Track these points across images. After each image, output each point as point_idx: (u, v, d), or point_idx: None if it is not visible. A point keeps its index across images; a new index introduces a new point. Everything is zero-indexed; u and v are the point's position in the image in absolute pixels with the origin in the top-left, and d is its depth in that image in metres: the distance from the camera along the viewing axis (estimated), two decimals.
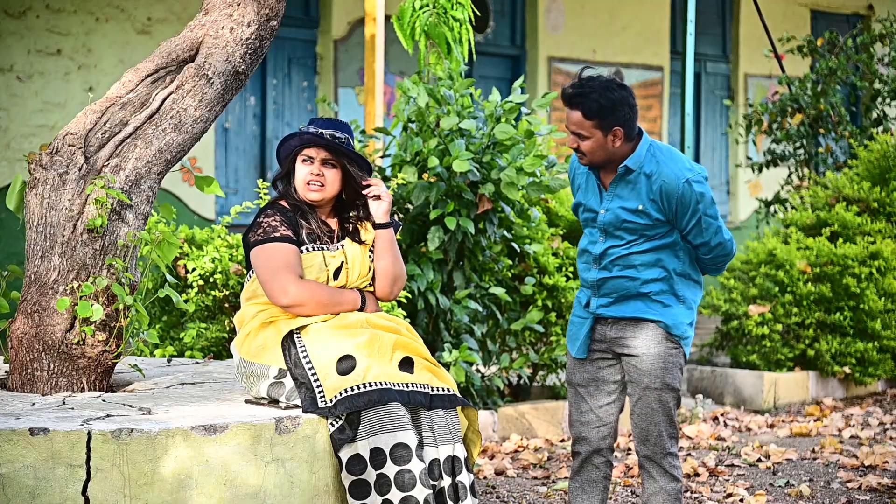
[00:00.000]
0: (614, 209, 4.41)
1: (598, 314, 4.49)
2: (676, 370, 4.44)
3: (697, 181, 4.37)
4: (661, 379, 4.42)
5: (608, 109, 4.30)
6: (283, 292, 4.23)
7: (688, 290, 4.48)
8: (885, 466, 6.72)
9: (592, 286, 4.48)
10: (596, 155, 4.38)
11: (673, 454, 4.48)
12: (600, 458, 4.59)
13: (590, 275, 4.49)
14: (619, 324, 4.46)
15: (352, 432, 4.05)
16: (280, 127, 11.48)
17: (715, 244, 4.45)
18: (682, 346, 4.45)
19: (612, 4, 13.70)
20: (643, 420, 4.46)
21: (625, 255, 4.41)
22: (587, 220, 4.52)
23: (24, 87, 9.78)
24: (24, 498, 3.67)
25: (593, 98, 4.29)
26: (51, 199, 4.41)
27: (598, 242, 4.46)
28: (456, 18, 7.04)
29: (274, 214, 4.36)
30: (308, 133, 4.37)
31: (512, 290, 7.44)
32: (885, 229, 9.31)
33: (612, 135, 4.34)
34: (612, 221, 4.42)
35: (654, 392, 4.43)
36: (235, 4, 4.64)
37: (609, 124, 4.32)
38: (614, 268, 4.43)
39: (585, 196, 4.52)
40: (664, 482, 4.48)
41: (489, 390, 7.31)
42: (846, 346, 8.89)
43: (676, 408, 4.48)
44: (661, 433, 4.45)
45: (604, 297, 4.47)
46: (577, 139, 4.37)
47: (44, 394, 4.39)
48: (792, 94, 10.90)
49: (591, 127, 4.32)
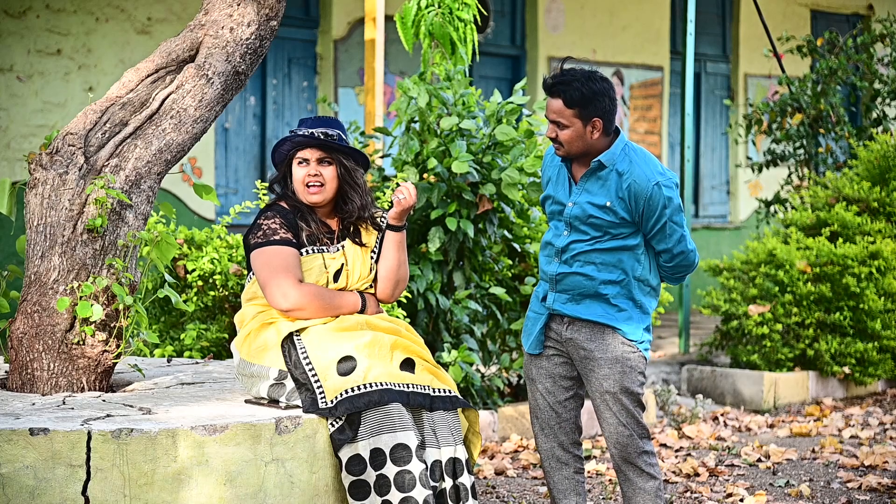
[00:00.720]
0: (582, 203, 4.42)
1: (554, 310, 4.48)
2: (635, 374, 4.43)
3: (667, 185, 4.37)
4: (619, 383, 4.42)
5: (589, 98, 4.31)
6: (283, 296, 4.23)
7: (644, 296, 4.48)
8: (885, 466, 6.72)
9: (551, 280, 4.48)
10: (573, 145, 4.38)
11: (647, 452, 4.48)
12: (567, 453, 4.59)
13: (550, 268, 4.49)
14: (574, 325, 4.46)
15: (352, 432, 4.05)
16: (280, 127, 11.48)
17: (677, 252, 4.44)
18: (640, 349, 4.45)
19: (612, 4, 13.70)
20: (610, 425, 4.47)
21: (587, 252, 4.41)
22: (554, 212, 4.51)
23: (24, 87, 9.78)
24: (24, 498, 3.67)
25: (575, 87, 4.31)
26: (51, 199, 4.41)
27: (562, 236, 4.46)
28: (461, 19, 7.04)
29: (274, 216, 4.36)
30: (299, 135, 4.36)
31: (512, 290, 7.44)
32: (885, 229, 9.31)
33: (591, 125, 4.35)
34: (579, 215, 4.41)
35: (613, 396, 4.43)
36: (235, 4, 4.64)
37: (589, 114, 4.33)
38: (575, 263, 4.43)
39: (555, 188, 4.52)
40: (642, 482, 4.48)
41: (489, 390, 7.31)
42: (846, 346, 8.89)
43: (641, 409, 4.47)
44: (632, 434, 4.45)
45: (561, 293, 4.46)
46: (556, 128, 4.38)
47: (44, 394, 4.39)
48: (792, 94, 10.90)
49: (571, 116, 4.34)
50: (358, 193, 4.43)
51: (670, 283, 4.61)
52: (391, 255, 4.44)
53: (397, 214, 4.42)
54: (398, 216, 4.42)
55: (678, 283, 4.62)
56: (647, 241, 4.45)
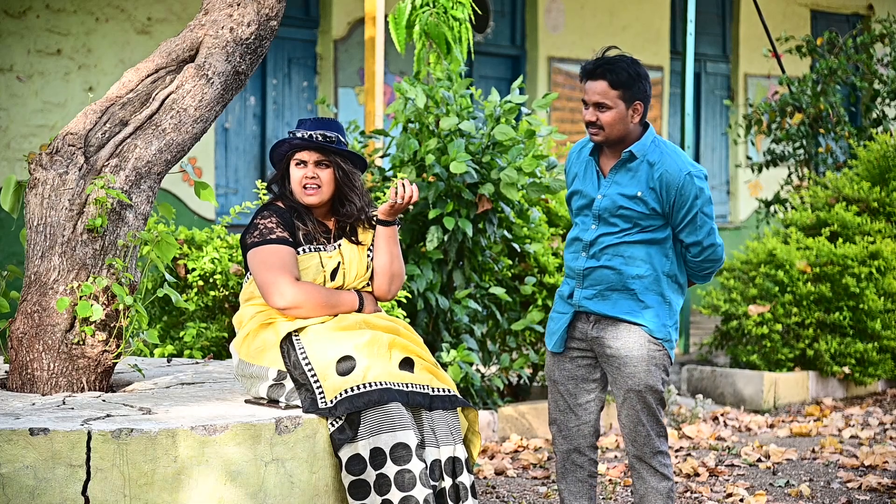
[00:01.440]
0: (612, 195, 4.41)
1: (581, 307, 4.47)
2: (660, 371, 4.44)
3: (698, 176, 4.39)
4: (644, 381, 4.41)
5: (634, 80, 4.33)
6: (280, 295, 4.23)
7: (672, 293, 4.47)
8: (885, 466, 6.72)
9: (578, 275, 4.47)
10: (614, 129, 4.37)
11: (663, 452, 4.48)
12: (583, 456, 4.58)
13: (577, 263, 4.47)
14: (601, 322, 4.45)
15: (352, 432, 4.05)
16: (280, 127, 11.49)
17: (707, 245, 4.44)
18: (666, 347, 4.45)
19: (612, 4, 13.70)
20: (630, 421, 4.46)
21: (615, 245, 4.41)
22: (581, 207, 4.50)
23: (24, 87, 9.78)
24: (24, 498, 3.67)
25: (622, 67, 4.33)
26: (51, 199, 4.41)
27: (589, 230, 4.46)
28: (456, 18, 7.03)
29: (270, 216, 4.36)
30: (298, 137, 4.37)
31: (512, 290, 7.44)
32: (885, 229, 9.31)
33: (633, 109, 4.36)
34: (609, 207, 4.41)
35: (637, 394, 4.43)
36: (235, 4, 4.64)
37: (632, 96, 4.35)
38: (603, 256, 4.42)
39: (583, 183, 4.51)
40: (655, 481, 4.48)
41: (489, 390, 7.31)
42: (846, 346, 8.89)
43: (662, 407, 4.47)
44: (649, 433, 4.45)
45: (588, 289, 4.45)
46: (597, 111, 4.36)
47: (44, 394, 4.39)
48: (792, 94, 10.90)
49: (616, 97, 4.34)
50: (356, 196, 4.43)
51: (698, 280, 4.58)
52: (384, 250, 4.44)
53: (389, 210, 4.41)
54: (390, 212, 4.42)
55: (705, 280, 4.58)
56: (675, 237, 4.45)
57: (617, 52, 4.43)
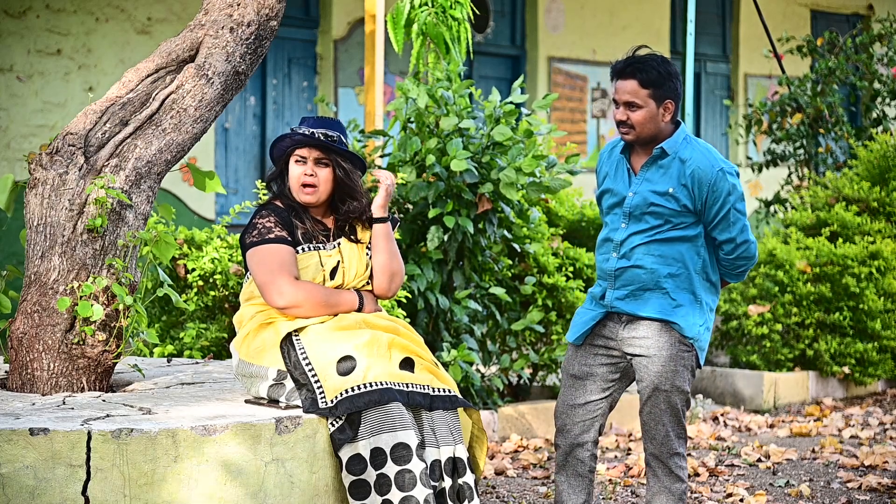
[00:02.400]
0: (643, 192, 4.40)
1: (614, 308, 4.45)
2: (687, 372, 4.43)
3: (731, 173, 4.40)
4: (671, 381, 4.40)
5: (665, 78, 4.34)
6: (279, 294, 4.23)
7: (706, 292, 4.46)
8: (885, 466, 6.72)
9: (610, 276, 4.45)
10: (645, 127, 4.37)
11: (679, 454, 4.48)
12: (584, 451, 4.58)
13: (608, 264, 4.45)
14: (632, 323, 4.44)
15: (352, 432, 4.05)
16: (280, 127, 11.49)
17: (741, 241, 4.43)
18: (696, 348, 4.43)
19: (612, 4, 13.70)
20: (651, 419, 4.46)
21: (646, 243, 4.39)
22: (612, 205, 4.48)
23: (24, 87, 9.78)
24: (24, 498, 3.67)
25: (653, 66, 4.34)
26: (51, 199, 4.41)
27: (620, 229, 4.44)
28: (455, 18, 7.03)
29: (269, 215, 4.36)
30: (299, 133, 4.37)
31: (512, 290, 7.44)
32: (885, 229, 9.31)
33: (663, 107, 4.36)
34: (640, 204, 4.39)
35: (664, 394, 4.41)
36: (235, 4, 4.64)
37: (663, 95, 4.35)
38: (633, 256, 4.40)
39: (614, 182, 4.49)
40: (668, 482, 4.48)
41: (489, 390, 7.31)
42: (846, 347, 8.89)
43: (686, 409, 4.47)
44: (669, 433, 4.45)
45: (620, 289, 4.43)
46: (628, 110, 4.37)
47: (44, 394, 4.39)
48: (791, 93, 10.90)
49: (646, 96, 4.35)
50: (356, 197, 4.43)
51: (731, 279, 4.55)
52: (381, 248, 4.44)
53: (382, 203, 4.42)
54: (382, 205, 4.43)
55: (738, 279, 4.55)
56: (706, 235, 4.44)
57: (647, 51, 4.43)
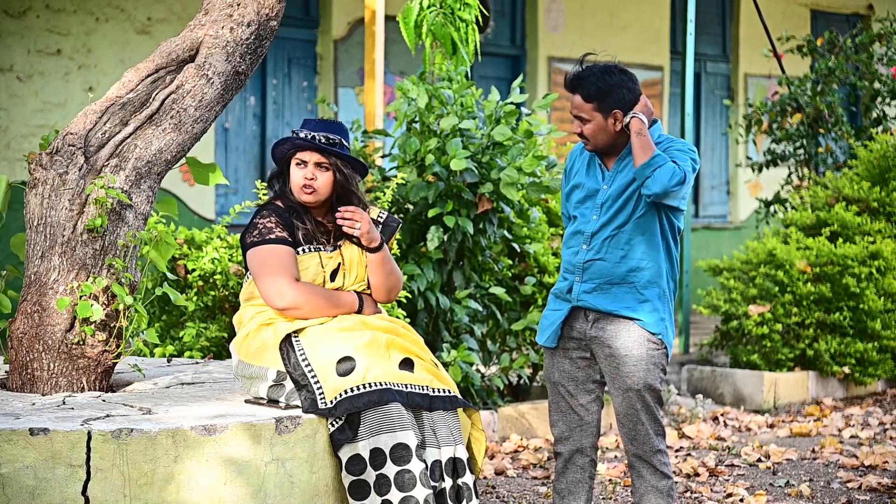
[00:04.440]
0: (617, 185, 4.44)
1: (581, 301, 4.47)
2: (658, 371, 4.45)
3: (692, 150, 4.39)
4: (643, 380, 4.42)
5: (605, 92, 4.38)
6: (279, 295, 4.23)
7: (670, 285, 4.50)
8: (885, 466, 6.72)
9: (578, 269, 4.48)
10: (598, 138, 4.43)
11: (662, 451, 4.49)
12: (584, 457, 4.58)
13: (578, 257, 4.48)
14: (599, 322, 4.46)
15: (352, 432, 4.05)
16: (280, 127, 11.49)
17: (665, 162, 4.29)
18: (665, 344, 4.45)
19: (612, 4, 13.70)
20: (629, 420, 4.47)
21: (616, 236, 4.42)
22: (583, 199, 4.51)
23: (24, 87, 9.78)
24: (24, 498, 3.67)
25: (591, 81, 4.39)
26: (51, 199, 4.41)
27: (591, 221, 4.47)
28: (463, 19, 7.03)
29: (270, 215, 4.35)
30: (300, 137, 4.36)
31: (512, 290, 7.44)
32: (885, 229, 9.31)
33: (612, 117, 4.40)
34: (613, 195, 4.43)
35: (636, 393, 4.43)
36: (235, 4, 4.64)
37: (608, 107, 4.39)
38: (603, 248, 4.43)
39: (586, 177, 4.53)
40: (655, 480, 4.49)
41: (489, 390, 7.31)
42: (846, 346, 8.89)
43: (660, 406, 4.49)
44: (648, 432, 4.46)
45: (587, 283, 4.46)
46: (580, 123, 4.43)
47: (44, 394, 4.39)
48: (791, 93, 10.90)
49: (591, 110, 4.40)
50: (355, 200, 4.42)
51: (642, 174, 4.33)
52: (376, 273, 4.42)
53: (366, 240, 4.37)
54: (366, 240, 4.38)
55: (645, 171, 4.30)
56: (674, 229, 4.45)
57: (594, 60, 4.47)
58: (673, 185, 4.27)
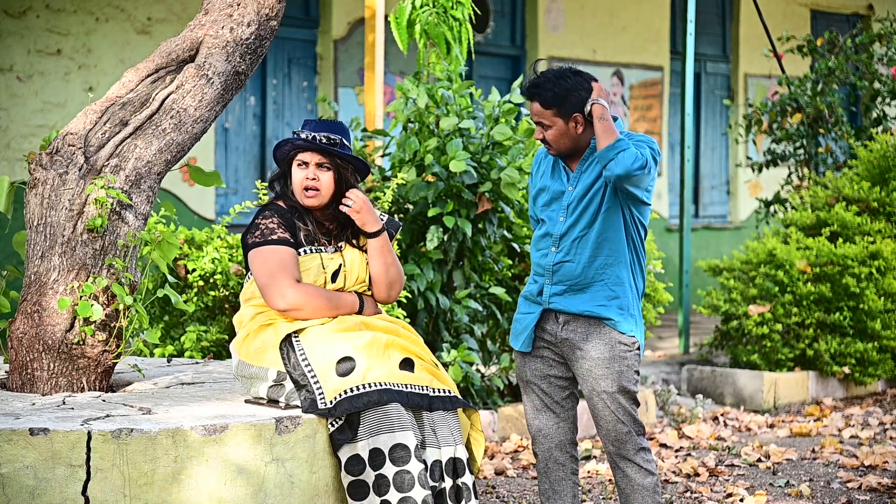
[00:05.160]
0: (581, 185, 4.46)
1: (551, 305, 4.48)
2: (631, 372, 4.46)
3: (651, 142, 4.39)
4: (617, 383, 4.43)
5: (562, 97, 4.39)
6: (281, 296, 4.22)
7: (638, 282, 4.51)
8: (885, 466, 6.72)
9: (548, 271, 4.49)
10: (561, 143, 4.45)
11: (645, 448, 4.50)
12: (564, 454, 4.59)
13: (548, 259, 4.50)
14: (569, 325, 4.47)
15: (351, 433, 4.05)
16: (280, 127, 11.49)
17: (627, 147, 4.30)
18: (637, 339, 4.46)
19: (612, 4, 13.70)
20: (606, 423, 4.48)
21: (585, 236, 4.44)
22: (549, 202, 4.53)
23: (24, 87, 9.78)
24: (24, 498, 3.67)
25: (547, 88, 4.40)
26: (51, 199, 4.41)
27: (559, 223, 4.49)
28: (456, 18, 7.03)
29: (272, 216, 4.35)
30: (301, 138, 4.36)
31: (512, 290, 7.44)
32: (885, 229, 9.31)
33: (572, 121, 4.42)
34: (578, 196, 4.45)
35: (610, 396, 4.44)
36: (235, 4, 4.64)
37: (567, 111, 4.41)
38: (572, 249, 4.45)
39: (551, 180, 4.55)
40: (640, 478, 4.49)
41: (489, 390, 7.31)
42: (846, 346, 8.89)
43: (636, 405, 4.49)
44: (630, 431, 4.47)
45: (558, 285, 4.47)
46: (542, 129, 4.45)
47: (44, 394, 4.39)
48: (791, 93, 10.90)
49: (551, 116, 4.42)
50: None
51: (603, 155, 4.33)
52: (376, 261, 4.43)
53: (365, 223, 4.40)
54: (363, 222, 4.40)
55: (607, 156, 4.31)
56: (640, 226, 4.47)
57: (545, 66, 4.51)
58: (635, 168, 4.27)
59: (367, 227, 4.40)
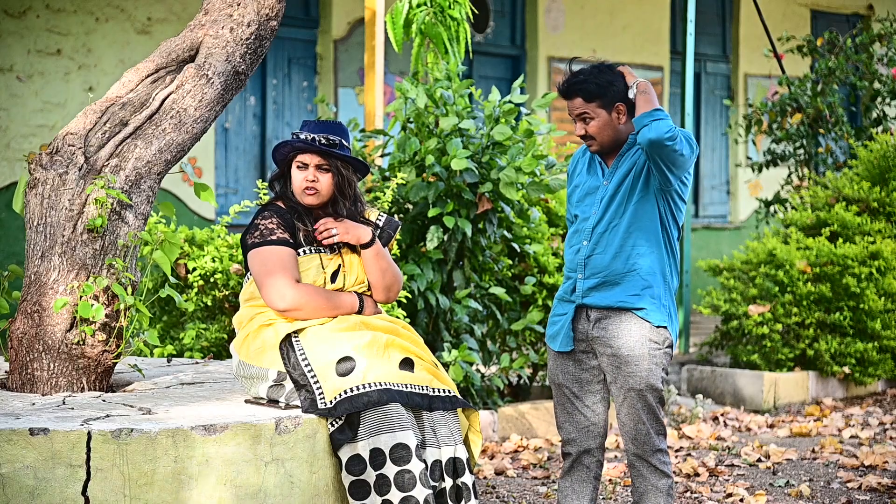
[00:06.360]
0: (617, 178, 4.47)
1: (585, 300, 4.48)
2: (660, 370, 4.46)
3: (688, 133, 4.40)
4: (645, 381, 4.43)
5: (605, 87, 4.44)
6: (280, 296, 4.22)
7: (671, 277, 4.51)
8: (885, 466, 6.72)
9: (581, 265, 4.49)
10: (604, 134, 4.46)
11: (662, 450, 4.50)
12: (591, 458, 4.59)
13: (579, 255, 4.50)
14: (601, 322, 4.46)
15: (352, 432, 4.05)
16: (280, 127, 11.49)
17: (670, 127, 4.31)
18: (669, 339, 4.46)
19: (612, 4, 13.70)
20: (630, 420, 4.48)
21: (616, 227, 4.44)
22: (583, 197, 4.54)
23: (24, 87, 9.78)
24: (24, 498, 3.67)
25: (589, 81, 4.44)
26: (51, 199, 4.41)
27: (592, 216, 4.50)
28: (453, 17, 7.03)
29: (271, 216, 4.35)
30: (300, 139, 4.36)
31: (512, 290, 7.44)
32: (885, 229, 9.31)
33: (615, 111, 4.45)
34: (613, 189, 4.46)
35: (638, 393, 4.44)
36: (235, 4, 4.64)
37: (610, 101, 4.45)
38: (603, 240, 4.45)
39: (588, 176, 4.56)
40: (655, 479, 4.50)
41: (489, 390, 7.31)
42: (846, 346, 8.89)
43: (661, 405, 4.49)
44: (649, 431, 4.47)
45: (591, 278, 4.47)
46: (584, 123, 4.46)
47: (44, 394, 4.39)
48: (791, 93, 10.90)
49: (595, 108, 4.44)
50: (346, 205, 4.41)
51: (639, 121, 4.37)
52: (372, 268, 4.43)
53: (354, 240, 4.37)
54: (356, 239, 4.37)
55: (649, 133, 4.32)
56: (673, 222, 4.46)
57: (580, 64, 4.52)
58: (666, 136, 4.26)
59: (362, 240, 4.40)
